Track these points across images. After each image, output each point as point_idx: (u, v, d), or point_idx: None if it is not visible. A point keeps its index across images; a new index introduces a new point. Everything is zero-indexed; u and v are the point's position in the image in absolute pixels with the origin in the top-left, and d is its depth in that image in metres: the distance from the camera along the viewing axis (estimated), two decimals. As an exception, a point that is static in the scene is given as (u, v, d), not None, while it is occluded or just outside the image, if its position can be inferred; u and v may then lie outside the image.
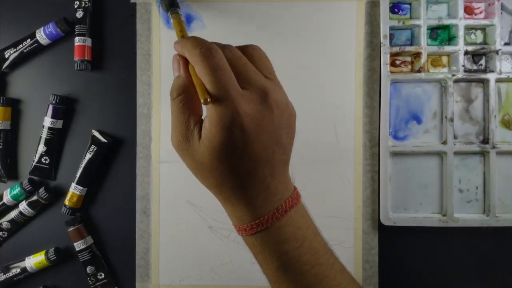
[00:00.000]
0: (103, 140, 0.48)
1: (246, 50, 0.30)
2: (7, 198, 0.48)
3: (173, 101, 0.28)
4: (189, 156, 0.28)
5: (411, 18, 0.49)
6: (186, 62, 0.29)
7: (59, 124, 0.49)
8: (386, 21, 0.47)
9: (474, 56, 0.48)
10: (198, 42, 0.28)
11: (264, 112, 0.27)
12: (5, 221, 0.49)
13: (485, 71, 0.48)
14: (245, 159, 0.27)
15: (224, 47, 0.28)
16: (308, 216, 0.31)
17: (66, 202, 0.48)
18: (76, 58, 0.48)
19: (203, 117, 0.28)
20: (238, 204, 0.29)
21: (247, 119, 0.26)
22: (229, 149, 0.26)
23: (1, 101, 0.49)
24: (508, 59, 0.48)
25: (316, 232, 0.31)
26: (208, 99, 0.25)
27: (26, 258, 0.49)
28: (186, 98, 0.28)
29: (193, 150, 0.27)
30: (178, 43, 0.30)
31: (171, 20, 0.40)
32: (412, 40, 0.49)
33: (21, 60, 0.49)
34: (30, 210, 0.48)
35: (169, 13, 0.41)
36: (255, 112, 0.26)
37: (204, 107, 0.27)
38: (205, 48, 0.27)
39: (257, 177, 0.28)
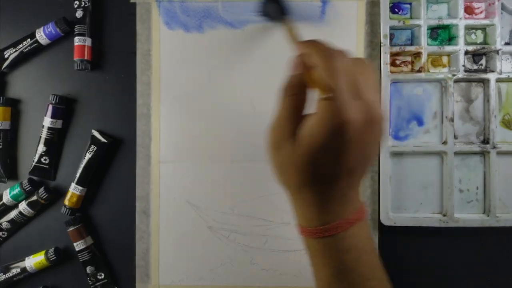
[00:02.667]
0: (103, 140, 0.48)
1: (359, 61, 0.30)
2: (6, 198, 0.48)
3: (285, 97, 0.30)
4: (285, 152, 0.29)
5: (411, 18, 0.49)
6: (307, 65, 0.30)
7: (59, 124, 0.49)
8: (386, 21, 0.47)
9: (475, 56, 0.48)
10: (326, 46, 0.29)
11: (367, 126, 0.27)
12: (4, 221, 0.49)
13: (485, 71, 0.48)
14: (337, 165, 0.28)
15: (343, 54, 0.29)
16: (369, 232, 0.32)
17: (66, 202, 0.48)
18: (75, 58, 0.48)
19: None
20: (313, 207, 0.30)
21: (352, 128, 0.26)
22: (327, 152, 0.27)
23: (1, 101, 0.49)
24: (508, 59, 0.48)
25: (374, 248, 0.32)
26: (329, 94, 0.26)
27: (26, 258, 0.49)
28: (299, 97, 0.30)
29: (290, 147, 0.28)
30: (306, 43, 0.30)
31: (284, 27, 0.41)
32: (412, 40, 0.49)
33: (21, 60, 0.49)
34: (30, 210, 0.48)
35: (280, 21, 0.43)
36: (361, 123, 0.27)
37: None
38: (335, 51, 0.28)
39: (340, 184, 0.29)
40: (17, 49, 0.49)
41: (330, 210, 0.29)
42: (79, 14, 0.48)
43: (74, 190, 0.48)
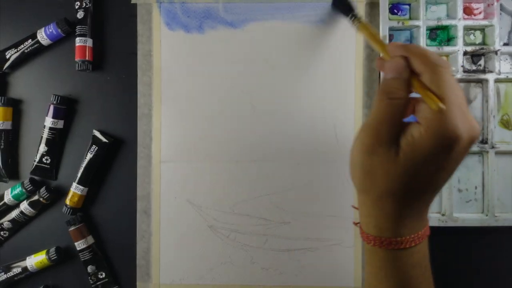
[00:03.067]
0: (104, 140, 0.48)
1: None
2: (8, 197, 0.49)
3: (388, 101, 0.28)
4: (379, 158, 0.27)
5: (410, 18, 0.49)
6: (410, 69, 0.29)
7: (60, 124, 0.49)
8: (385, 22, 0.47)
9: (473, 56, 0.49)
10: (436, 55, 0.28)
11: (467, 146, 0.27)
12: (6, 220, 0.49)
13: (484, 71, 0.48)
14: (434, 180, 0.27)
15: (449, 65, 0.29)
16: (427, 252, 0.32)
17: (67, 201, 0.48)
18: (77, 59, 0.48)
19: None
20: (392, 217, 0.29)
21: (461, 145, 0.26)
22: (430, 166, 0.26)
23: (2, 101, 0.49)
24: (507, 59, 0.48)
25: (429, 265, 0.32)
26: (443, 107, 0.25)
27: (27, 258, 0.49)
28: (400, 102, 0.28)
29: (387, 154, 0.27)
30: (400, 47, 0.29)
31: (357, 26, 0.41)
32: (411, 40, 0.49)
33: (22, 60, 0.50)
34: (31, 210, 0.48)
35: (351, 18, 0.42)
36: (467, 141, 0.26)
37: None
38: (445, 62, 0.27)
39: (425, 198, 0.28)
40: (18, 49, 0.49)
41: (406, 222, 0.29)
42: (80, 14, 0.48)
43: (75, 189, 0.48)
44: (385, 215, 0.29)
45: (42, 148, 0.48)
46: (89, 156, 0.48)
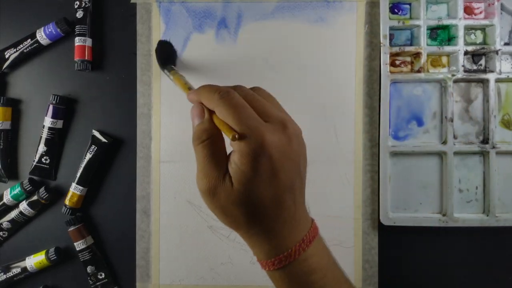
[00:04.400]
0: (104, 140, 0.48)
1: (253, 90, 0.32)
2: (7, 198, 0.48)
3: (199, 146, 0.29)
4: (222, 198, 0.28)
5: (411, 18, 0.49)
6: (204, 108, 0.30)
7: (60, 124, 0.49)
8: (386, 21, 0.47)
9: (474, 56, 0.48)
10: (214, 88, 0.29)
11: (286, 141, 0.28)
12: (5, 221, 0.49)
13: (484, 71, 0.48)
14: (273, 188, 0.28)
15: (236, 88, 0.30)
16: (326, 247, 0.32)
17: (67, 202, 0.48)
18: (76, 58, 0.48)
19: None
20: (266, 238, 0.29)
21: (273, 148, 0.27)
22: (259, 179, 0.27)
23: (2, 101, 0.49)
24: (507, 59, 0.48)
25: (335, 262, 0.32)
26: (236, 135, 0.27)
27: (27, 258, 0.49)
28: (212, 141, 0.29)
29: (226, 192, 0.28)
30: (193, 94, 0.31)
31: (170, 77, 0.42)
32: (412, 40, 0.49)
33: (22, 60, 0.49)
34: (31, 210, 0.48)
35: (165, 71, 0.44)
36: (279, 141, 0.27)
37: (228, 147, 0.29)
38: (223, 92, 0.29)
39: (283, 206, 0.28)
40: (17, 49, 0.49)
41: (284, 235, 0.29)
42: (79, 14, 0.48)
43: (74, 190, 0.48)
44: (261, 240, 0.29)
45: (41, 148, 0.48)
46: (88, 156, 0.48)
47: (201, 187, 0.29)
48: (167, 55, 0.46)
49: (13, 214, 0.49)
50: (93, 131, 0.49)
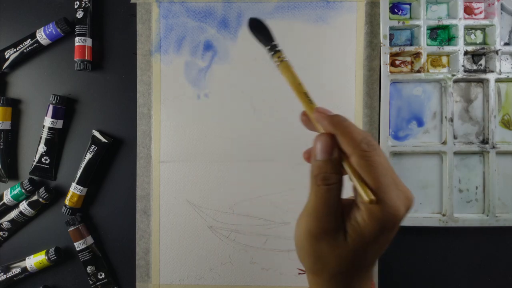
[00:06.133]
0: (104, 140, 0.48)
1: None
2: (7, 198, 0.48)
3: (323, 187, 0.27)
4: (327, 244, 0.27)
5: (411, 18, 0.49)
6: (339, 148, 0.27)
7: (60, 124, 0.49)
8: (386, 21, 0.47)
9: (474, 56, 0.48)
10: (361, 133, 0.26)
11: (407, 213, 0.26)
12: (5, 221, 0.49)
13: (484, 71, 0.48)
14: (373, 258, 0.27)
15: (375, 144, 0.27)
16: None
17: (67, 202, 0.48)
18: (76, 58, 0.48)
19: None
20: None
21: (399, 222, 0.26)
22: (374, 248, 0.26)
23: (2, 101, 0.49)
24: (507, 59, 0.48)
25: None
26: (374, 199, 0.24)
27: (27, 258, 0.49)
28: (338, 187, 0.27)
29: (336, 243, 0.26)
30: (330, 122, 0.28)
31: (276, 62, 0.32)
32: (412, 40, 0.49)
33: (22, 60, 0.49)
34: (31, 210, 0.48)
35: (268, 49, 0.34)
36: (406, 211, 0.26)
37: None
38: (371, 143, 0.25)
39: (367, 274, 0.28)
40: (17, 49, 0.49)
41: None
42: (79, 14, 0.48)
43: (74, 190, 0.48)
44: None
45: (41, 148, 0.48)
46: (88, 156, 0.48)
47: (308, 229, 0.27)
48: (265, 31, 0.35)
49: (13, 214, 0.49)
50: (93, 131, 0.49)
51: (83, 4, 0.48)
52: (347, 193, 0.28)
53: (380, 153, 0.26)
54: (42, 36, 0.48)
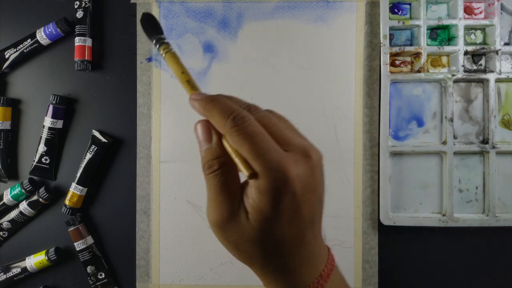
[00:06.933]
0: (104, 140, 0.48)
1: (271, 111, 0.28)
2: (7, 198, 0.48)
3: (210, 175, 0.26)
4: (236, 233, 0.26)
5: (411, 18, 0.49)
6: (216, 131, 0.26)
7: (60, 124, 0.49)
8: (386, 21, 0.47)
9: (474, 56, 0.48)
10: (227, 109, 0.25)
11: (309, 173, 0.25)
12: (5, 221, 0.49)
13: (484, 71, 0.48)
14: (295, 225, 0.25)
15: (249, 108, 0.26)
16: (342, 275, 0.29)
17: (67, 202, 0.48)
18: (76, 58, 0.48)
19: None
20: (282, 276, 0.27)
21: (297, 183, 0.24)
22: (281, 217, 0.24)
23: (2, 101, 0.49)
24: (507, 59, 0.48)
25: None
26: (254, 173, 0.23)
27: (27, 258, 0.49)
28: (225, 170, 0.25)
29: (241, 227, 0.25)
30: (199, 106, 0.26)
31: (162, 55, 0.32)
32: (412, 40, 0.49)
33: (22, 60, 0.49)
34: (31, 210, 0.48)
35: (154, 42, 0.32)
36: (302, 174, 0.24)
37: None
38: (237, 117, 0.24)
39: (303, 242, 0.26)
40: (17, 49, 0.49)
41: (303, 271, 0.26)
42: (79, 14, 0.48)
43: (74, 190, 0.48)
44: (279, 276, 0.27)
45: (41, 148, 0.48)
46: (88, 156, 0.48)
47: (212, 220, 0.26)
48: (153, 25, 0.35)
49: (13, 214, 0.49)
50: (93, 131, 0.49)
51: (83, 4, 0.48)
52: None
53: (252, 122, 0.24)
54: (42, 36, 0.48)
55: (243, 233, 0.25)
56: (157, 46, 0.33)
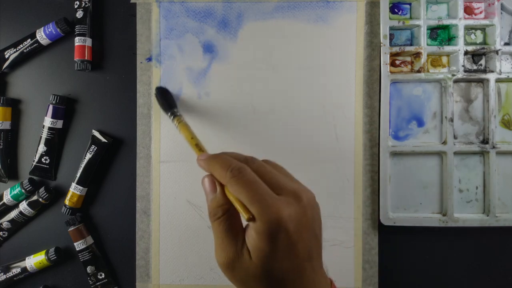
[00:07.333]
0: (103, 140, 0.48)
1: (266, 161, 0.32)
2: (7, 198, 0.48)
3: (216, 222, 0.29)
4: (242, 271, 0.28)
5: (411, 18, 0.49)
6: (219, 183, 0.30)
7: (59, 124, 0.49)
8: (386, 21, 0.47)
9: (474, 56, 0.48)
10: (226, 163, 0.29)
11: (301, 212, 0.28)
12: (5, 221, 0.49)
13: (485, 71, 0.48)
14: (292, 260, 0.28)
15: (247, 160, 0.30)
16: None
17: (66, 202, 0.48)
18: (76, 58, 0.48)
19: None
20: None
21: (289, 222, 0.27)
22: (278, 253, 0.27)
23: (1, 101, 0.49)
24: (508, 59, 0.48)
25: None
26: (252, 216, 0.27)
27: (27, 258, 0.49)
28: (228, 216, 0.29)
29: (245, 266, 0.28)
30: (204, 164, 0.32)
31: (176, 124, 0.42)
32: (412, 40, 0.49)
33: (21, 60, 0.49)
34: (30, 210, 0.48)
35: (169, 115, 0.43)
36: (294, 214, 0.27)
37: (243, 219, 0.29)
38: (235, 169, 0.29)
39: (303, 275, 0.28)
40: (17, 49, 0.49)
41: None
42: (79, 14, 0.48)
43: (74, 190, 0.48)
44: None
45: (41, 148, 0.48)
46: (88, 156, 0.48)
47: (220, 261, 0.29)
48: (168, 100, 0.45)
49: (13, 214, 0.49)
50: (93, 131, 0.49)
51: (83, 4, 0.48)
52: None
53: (248, 172, 0.28)
54: (42, 36, 0.48)
55: (248, 271, 0.28)
56: (172, 117, 0.43)
